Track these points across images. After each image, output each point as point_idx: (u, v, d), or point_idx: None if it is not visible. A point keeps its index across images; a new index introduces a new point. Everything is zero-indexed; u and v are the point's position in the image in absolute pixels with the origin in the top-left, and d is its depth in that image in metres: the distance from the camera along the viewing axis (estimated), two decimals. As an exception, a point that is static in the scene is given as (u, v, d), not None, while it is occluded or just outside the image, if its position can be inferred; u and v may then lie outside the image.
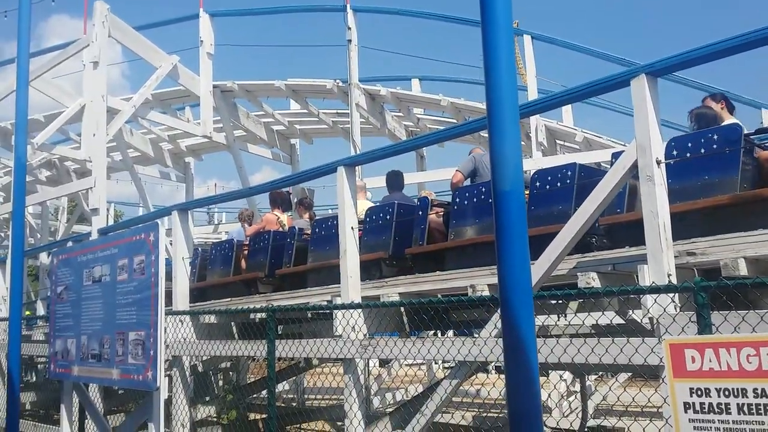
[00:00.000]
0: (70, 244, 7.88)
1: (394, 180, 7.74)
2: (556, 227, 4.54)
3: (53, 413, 10.14)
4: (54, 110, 13.18)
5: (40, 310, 15.42)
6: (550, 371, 8.13)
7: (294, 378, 10.87)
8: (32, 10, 3.95)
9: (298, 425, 9.77)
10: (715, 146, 4.48)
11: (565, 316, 5.40)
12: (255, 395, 9.05)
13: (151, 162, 15.99)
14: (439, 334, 7.20)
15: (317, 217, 8.58)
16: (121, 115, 10.05)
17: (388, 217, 6.53)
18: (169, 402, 6.99)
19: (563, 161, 11.16)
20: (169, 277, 6.41)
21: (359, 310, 5.39)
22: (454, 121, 12.59)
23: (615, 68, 4.17)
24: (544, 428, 7.04)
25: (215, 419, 8.21)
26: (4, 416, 6.31)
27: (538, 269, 4.50)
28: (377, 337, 5.33)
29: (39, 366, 13.96)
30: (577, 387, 8.41)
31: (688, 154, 4.53)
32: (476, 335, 4.68)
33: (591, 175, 5.34)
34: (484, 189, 5.95)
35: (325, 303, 6.17)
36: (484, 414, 8.68)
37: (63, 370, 6.09)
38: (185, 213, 7.53)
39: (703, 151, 4.47)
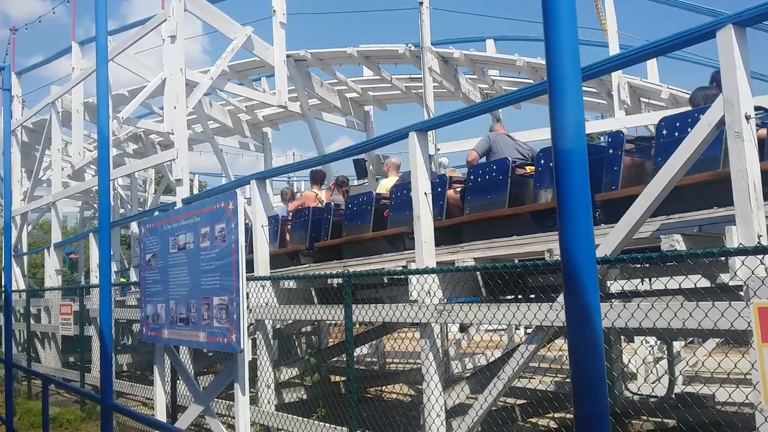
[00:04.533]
0: (156, 213, 8.22)
1: None
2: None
3: (148, 374, 10.75)
4: (138, 85, 13.69)
5: (134, 276, 16.30)
6: (633, 337, 7.94)
7: (374, 342, 11.06)
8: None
9: (378, 388, 9.98)
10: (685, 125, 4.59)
11: (650, 279, 5.23)
12: (336, 358, 9.29)
13: (231, 133, 16.40)
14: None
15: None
16: (199, 87, 10.30)
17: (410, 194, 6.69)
18: (254, 364, 7.27)
19: (647, 120, 10.73)
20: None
21: (434, 275, 5.39)
22: (531, 81, 12.23)
23: (703, 20, 3.92)
24: (629, 394, 6.83)
25: (298, 381, 8.48)
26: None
27: (618, 232, 4.37)
28: (452, 302, 5.33)
29: (134, 329, 14.81)
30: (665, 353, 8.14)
31: (677, 134, 4.62)
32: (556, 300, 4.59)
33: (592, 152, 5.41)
34: (495, 167, 6.27)
35: (401, 268, 6.21)
36: (565, 379, 8.58)
37: (154, 334, 6.38)
38: (263, 182, 7.70)
39: (689, 130, 4.33)
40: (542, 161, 5.90)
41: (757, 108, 4.84)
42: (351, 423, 5.51)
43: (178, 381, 7.87)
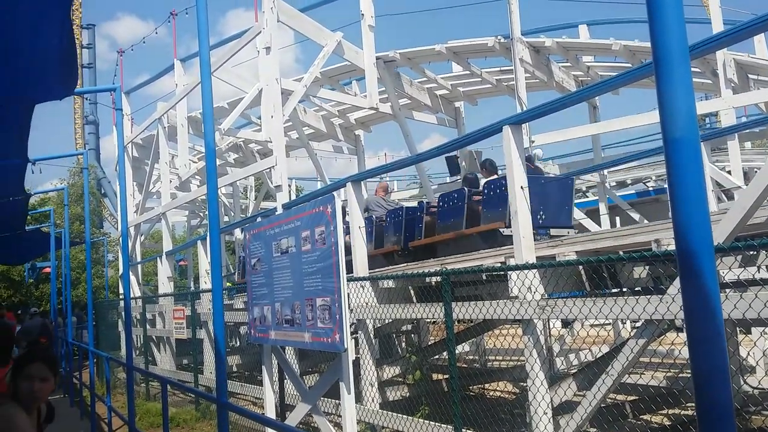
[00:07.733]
0: (259, 219, 8.52)
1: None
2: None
3: (256, 374, 11.14)
4: (236, 97, 14.25)
5: (239, 281, 16.97)
6: (751, 328, 7.51)
7: (474, 339, 10.99)
8: (210, 8, 4.26)
9: (480, 385, 9.91)
10: (455, 199, 8.15)
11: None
12: (437, 356, 9.29)
13: (325, 137, 16.76)
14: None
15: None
16: (294, 95, 10.58)
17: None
18: (356, 363, 7.39)
19: (757, 98, 10.08)
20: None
21: (535, 271, 5.29)
22: (629, 65, 11.76)
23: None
24: (748, 388, 6.45)
25: (401, 379, 8.56)
26: (214, 377, 7.06)
27: (730, 219, 4.14)
28: (555, 297, 5.21)
29: (241, 332, 15.40)
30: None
31: (444, 204, 8.38)
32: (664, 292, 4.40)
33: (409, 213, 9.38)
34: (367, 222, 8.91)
35: (499, 264, 6.14)
36: (678, 374, 8.20)
37: (262, 335, 6.62)
38: (358, 184, 7.82)
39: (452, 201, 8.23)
40: (387, 218, 9.64)
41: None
42: (456, 421, 5.49)
43: (285, 380, 8.13)
